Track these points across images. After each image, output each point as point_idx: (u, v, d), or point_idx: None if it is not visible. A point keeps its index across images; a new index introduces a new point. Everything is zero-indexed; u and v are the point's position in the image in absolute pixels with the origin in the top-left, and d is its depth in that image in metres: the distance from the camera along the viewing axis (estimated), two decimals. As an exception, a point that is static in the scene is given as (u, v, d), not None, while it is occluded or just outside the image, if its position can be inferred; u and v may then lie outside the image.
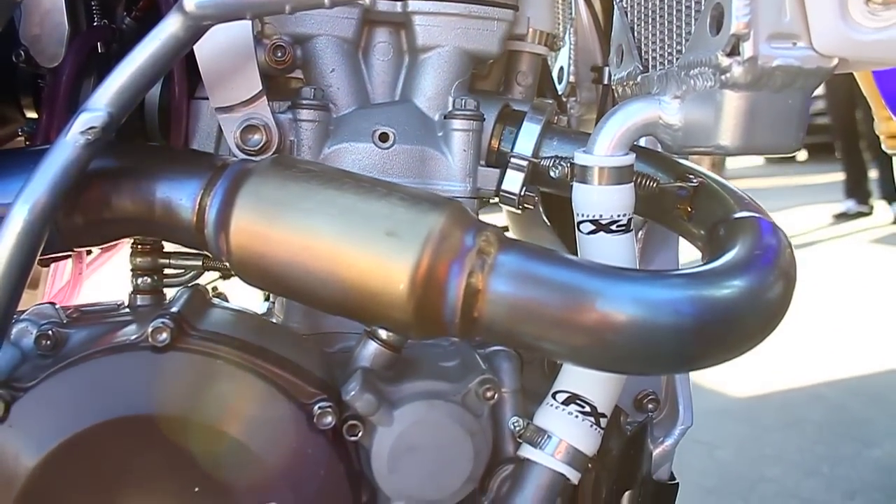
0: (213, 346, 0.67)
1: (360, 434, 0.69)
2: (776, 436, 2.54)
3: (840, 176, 6.08)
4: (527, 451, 0.72)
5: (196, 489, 0.65)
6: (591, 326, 0.60)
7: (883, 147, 1.20)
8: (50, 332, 0.71)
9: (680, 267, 0.87)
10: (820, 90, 6.12)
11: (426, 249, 0.60)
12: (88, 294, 0.95)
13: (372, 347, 0.72)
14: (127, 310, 0.79)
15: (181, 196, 0.68)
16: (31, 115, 0.91)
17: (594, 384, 0.72)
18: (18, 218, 0.64)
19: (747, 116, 0.66)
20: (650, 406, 0.86)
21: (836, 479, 2.27)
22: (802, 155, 8.81)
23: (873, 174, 5.72)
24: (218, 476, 0.65)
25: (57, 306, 0.76)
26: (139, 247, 0.80)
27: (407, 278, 0.60)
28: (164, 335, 0.65)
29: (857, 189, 5.74)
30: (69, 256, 0.90)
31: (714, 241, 0.69)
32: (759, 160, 8.48)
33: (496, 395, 0.72)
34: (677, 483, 0.86)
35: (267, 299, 0.97)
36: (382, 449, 0.69)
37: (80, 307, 0.79)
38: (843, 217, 5.76)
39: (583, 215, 0.71)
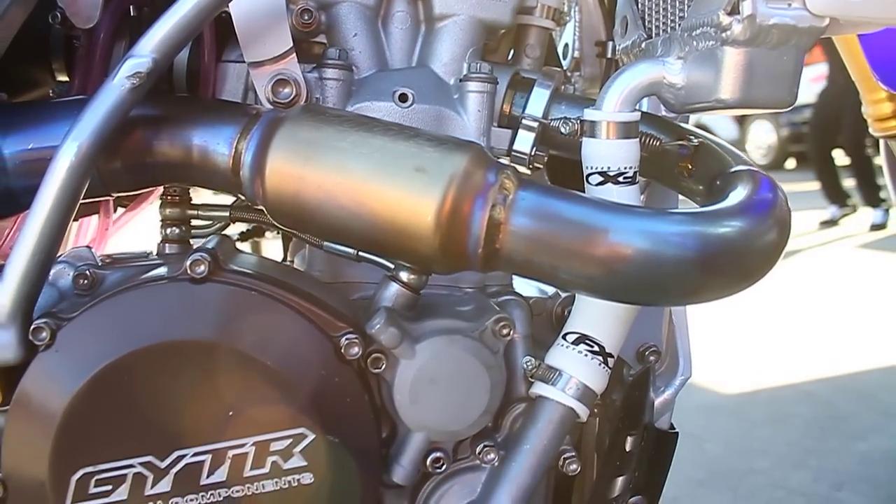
0: (246, 280, 0.71)
1: (383, 367, 0.73)
2: (764, 430, 2.59)
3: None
4: (539, 389, 0.77)
5: (230, 413, 0.69)
6: (603, 257, 0.65)
7: (871, 130, 1.25)
8: (87, 272, 0.75)
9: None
10: (811, 98, 6.27)
11: (453, 184, 0.65)
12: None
13: (393, 289, 0.76)
14: (157, 258, 0.83)
15: (218, 141, 0.73)
16: (62, 78, 0.95)
17: (603, 325, 0.77)
18: (66, 157, 0.69)
19: (746, 71, 0.71)
20: (651, 358, 0.91)
21: (824, 472, 2.32)
22: (791, 163, 8.95)
23: (850, 181, 5.87)
24: (251, 402, 0.69)
25: (92, 249, 0.80)
26: (168, 197, 0.84)
27: (434, 210, 0.65)
28: (202, 268, 0.70)
29: (834, 194, 5.88)
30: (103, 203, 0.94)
31: (713, 191, 0.74)
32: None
33: (511, 333, 0.76)
34: (677, 432, 0.91)
35: (283, 261, 1.01)
36: (404, 381, 0.74)
37: (110, 255, 0.84)
38: (829, 223, 5.89)
39: (591, 168, 0.75)
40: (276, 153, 0.69)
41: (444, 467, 0.77)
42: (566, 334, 0.77)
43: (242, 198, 0.75)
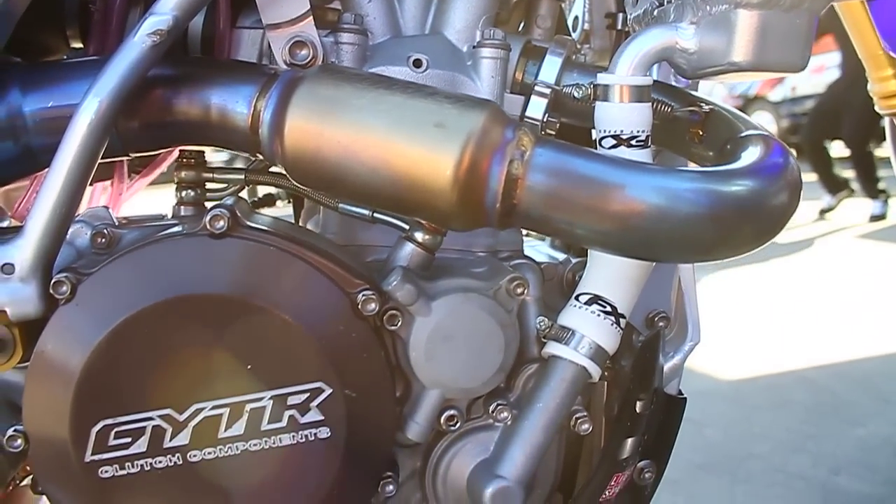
0: (264, 236, 0.72)
1: (398, 324, 0.74)
2: (764, 416, 2.61)
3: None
4: (552, 348, 0.78)
5: (248, 366, 0.70)
6: (618, 212, 0.66)
7: (876, 108, 1.26)
8: (105, 230, 0.76)
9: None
10: (816, 87, 6.26)
11: (472, 139, 0.66)
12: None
13: (408, 249, 0.77)
14: (173, 219, 0.83)
15: (237, 100, 0.73)
16: (76, 45, 0.95)
17: (615, 286, 0.78)
18: (87, 114, 0.69)
19: (759, 34, 0.72)
20: (661, 324, 0.92)
21: (822, 456, 2.33)
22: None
23: (849, 173, 5.89)
24: (269, 356, 0.70)
25: (110, 209, 0.80)
26: (184, 160, 0.85)
27: (453, 165, 0.66)
28: (222, 223, 0.70)
29: (829, 182, 5.91)
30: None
31: (724, 155, 0.75)
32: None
33: (525, 292, 0.77)
34: (685, 398, 0.92)
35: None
36: (420, 338, 0.75)
37: (126, 217, 0.84)
38: (829, 210, 5.92)
39: (604, 131, 0.76)
40: (296, 111, 0.70)
41: (457, 425, 0.78)
42: (579, 295, 0.78)
43: (260, 157, 0.75)
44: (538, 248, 0.97)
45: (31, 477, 0.84)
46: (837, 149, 6.18)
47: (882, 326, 3.35)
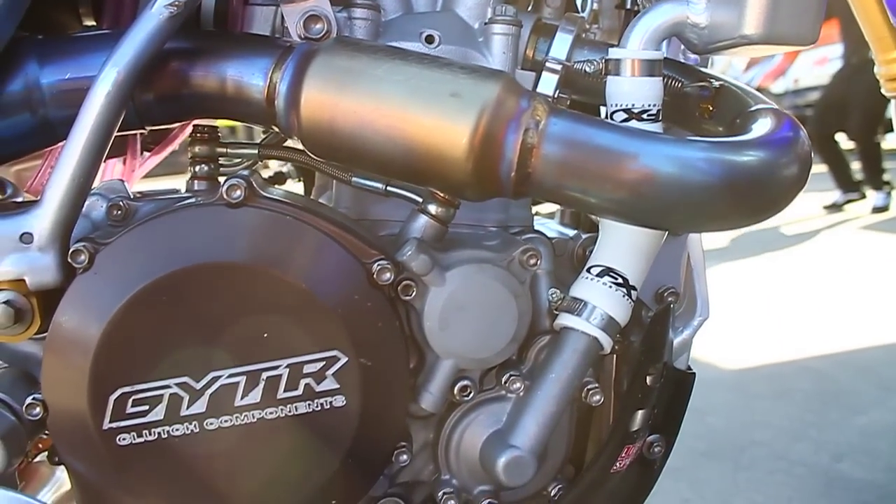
0: (280, 206, 0.73)
1: (413, 295, 0.75)
2: (765, 404, 2.62)
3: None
4: (564, 319, 0.78)
5: (265, 335, 0.71)
6: (632, 181, 0.67)
7: (883, 91, 1.26)
8: (120, 203, 0.77)
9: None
10: (819, 79, 6.23)
11: (487, 108, 0.67)
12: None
13: (422, 221, 0.77)
14: (187, 193, 0.84)
15: (252, 72, 0.74)
16: (89, 22, 0.96)
17: (626, 259, 0.78)
18: (105, 84, 0.70)
19: (770, 6, 0.73)
20: (670, 299, 0.92)
21: (824, 444, 2.34)
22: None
23: (855, 164, 5.88)
24: (285, 324, 0.71)
25: (125, 182, 0.81)
26: (198, 135, 0.85)
27: (469, 134, 0.67)
28: (239, 192, 0.71)
29: (843, 179, 5.88)
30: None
31: (734, 128, 0.76)
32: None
33: (538, 263, 0.78)
34: (694, 373, 0.92)
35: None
36: (434, 308, 0.75)
37: (140, 192, 0.85)
38: (834, 207, 5.90)
39: (615, 105, 0.77)
40: (312, 81, 0.70)
41: (471, 396, 0.79)
42: (590, 267, 0.79)
43: (276, 129, 0.76)
44: (548, 225, 0.97)
45: (46, 451, 0.85)
46: (843, 142, 6.17)
47: (884, 316, 3.36)
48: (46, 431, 0.83)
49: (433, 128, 0.68)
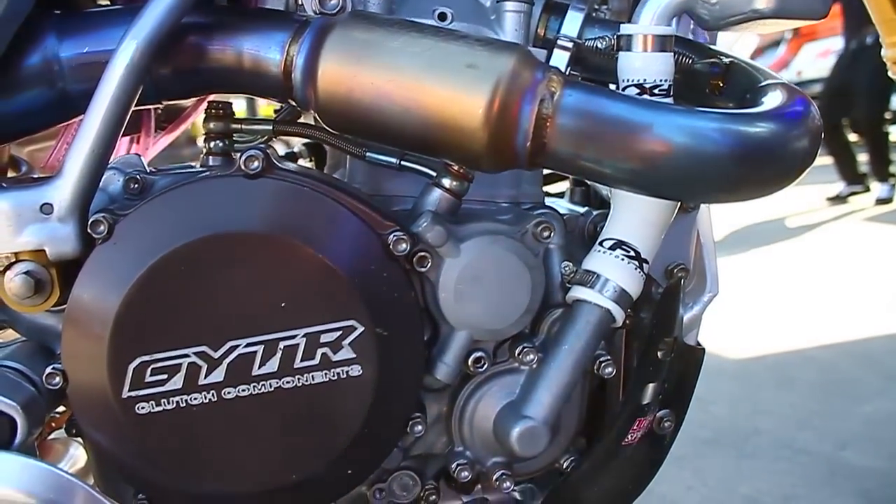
0: (298, 178, 0.73)
1: (428, 266, 0.76)
2: (769, 393, 2.63)
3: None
4: (577, 292, 0.79)
5: (282, 304, 0.71)
6: (646, 151, 0.68)
7: (890, 74, 1.27)
8: (137, 176, 0.77)
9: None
10: (821, 72, 6.18)
11: (503, 79, 0.68)
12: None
13: (436, 194, 0.78)
14: (201, 168, 0.85)
15: (270, 46, 0.75)
16: (103, 1, 0.96)
17: (638, 232, 0.79)
18: (124, 57, 0.71)
19: (782, -21, 0.73)
20: (680, 275, 0.93)
21: (828, 432, 2.35)
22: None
23: (862, 156, 5.85)
24: (302, 293, 0.72)
25: (141, 157, 0.82)
26: (213, 111, 0.86)
27: (485, 104, 0.68)
28: (256, 163, 0.72)
29: (848, 171, 5.85)
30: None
31: (745, 103, 0.77)
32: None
33: (551, 235, 0.79)
34: (704, 348, 0.93)
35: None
36: (449, 279, 0.76)
37: (155, 167, 0.86)
38: (837, 199, 5.86)
39: (627, 80, 0.78)
40: (329, 54, 0.71)
41: (484, 367, 0.80)
42: (602, 241, 0.80)
43: (292, 104, 0.76)
44: (558, 203, 0.98)
45: (63, 426, 0.86)
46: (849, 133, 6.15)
47: (887, 306, 3.37)
48: (63, 406, 0.84)
49: (449, 98, 0.69)
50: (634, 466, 0.89)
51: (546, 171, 0.93)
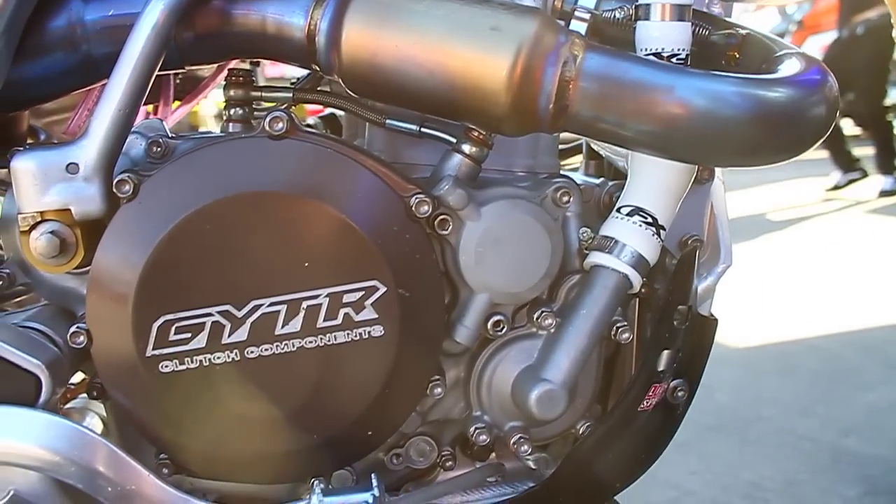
0: (321, 140, 0.74)
1: (449, 229, 0.76)
2: (772, 381, 2.64)
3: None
4: (595, 258, 0.80)
5: (306, 264, 0.72)
6: (666, 113, 0.69)
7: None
8: (160, 140, 0.78)
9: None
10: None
11: (527, 42, 0.69)
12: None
13: (456, 160, 0.79)
14: (221, 134, 0.85)
15: (293, 10, 0.75)
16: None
17: (656, 198, 0.80)
18: (149, 19, 0.72)
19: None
20: (695, 245, 0.94)
21: (831, 420, 2.36)
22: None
23: (866, 149, 5.83)
24: (326, 253, 0.73)
25: (163, 121, 0.82)
26: (233, 78, 0.87)
27: (509, 66, 0.68)
28: (281, 125, 0.72)
29: (841, 158, 5.82)
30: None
31: (763, 72, 0.77)
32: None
33: (570, 200, 0.80)
34: (717, 319, 0.94)
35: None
36: (470, 242, 0.77)
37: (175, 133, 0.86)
38: (836, 189, 5.84)
39: (645, 50, 0.78)
40: (354, 17, 0.72)
41: (503, 331, 0.80)
42: (620, 207, 0.80)
43: (316, 68, 0.77)
44: (573, 175, 0.99)
45: (84, 390, 0.87)
46: (848, 128, 6.14)
47: (891, 297, 3.38)
48: (81, 374, 0.85)
49: (473, 61, 0.69)
50: (648, 435, 0.90)
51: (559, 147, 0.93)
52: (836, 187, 5.83)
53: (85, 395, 1.10)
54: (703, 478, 2.11)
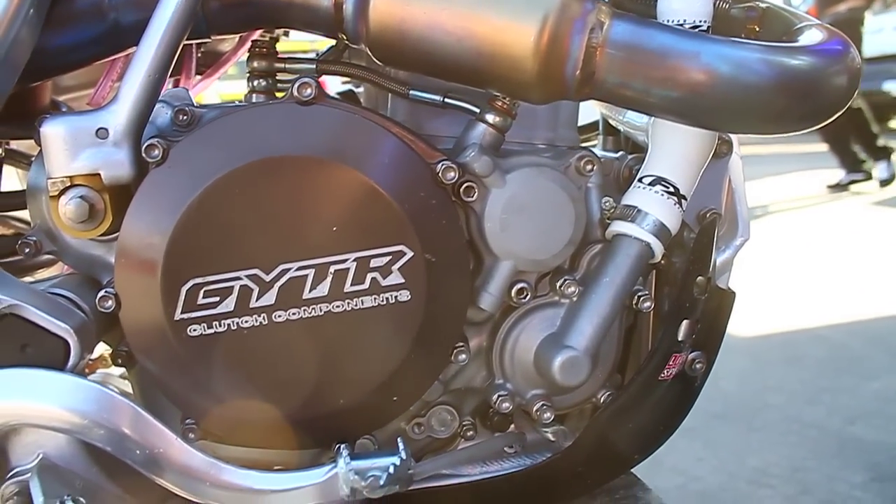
0: (349, 107, 0.75)
1: (474, 196, 0.77)
2: (778, 369, 2.64)
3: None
4: (617, 226, 0.81)
5: (334, 228, 0.73)
6: (691, 79, 0.69)
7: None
8: (186, 108, 0.79)
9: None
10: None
11: (554, 8, 0.69)
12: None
13: (480, 129, 0.80)
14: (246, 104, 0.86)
15: (320, -22, 0.76)
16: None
17: (677, 168, 0.81)
18: (177, -13, 0.72)
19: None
20: (714, 217, 0.94)
21: (837, 408, 2.37)
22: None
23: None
24: (354, 218, 0.73)
25: (188, 90, 0.83)
26: (257, 50, 0.87)
27: (537, 32, 0.69)
28: (309, 90, 0.73)
29: (845, 157, 5.82)
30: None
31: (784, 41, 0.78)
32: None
33: (594, 168, 0.80)
34: (735, 292, 0.94)
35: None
36: (495, 209, 0.78)
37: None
38: (838, 187, 5.83)
39: (667, 21, 0.79)
40: (382, -16, 0.72)
41: (527, 298, 0.81)
42: (642, 177, 0.81)
43: (343, 37, 0.78)
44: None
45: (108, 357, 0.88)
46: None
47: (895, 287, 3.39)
48: (106, 342, 0.85)
49: (501, 27, 0.70)
50: (666, 406, 0.91)
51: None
52: (838, 185, 5.83)
53: (103, 370, 1.12)
54: (709, 464, 2.12)
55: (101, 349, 1.07)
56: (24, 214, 1.05)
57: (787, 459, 2.11)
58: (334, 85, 1.44)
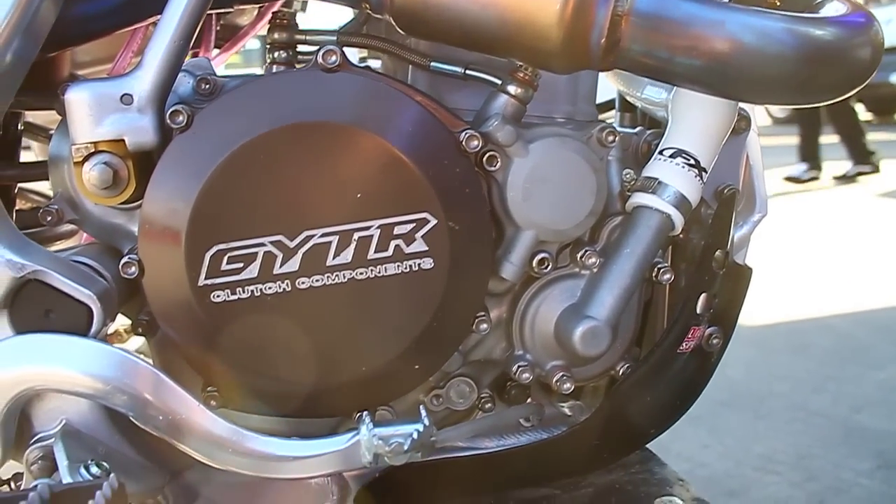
0: (373, 75, 0.75)
1: (497, 166, 0.77)
2: (785, 358, 2.65)
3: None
4: (638, 198, 0.81)
5: (358, 195, 0.73)
6: (716, 48, 0.69)
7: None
8: (208, 77, 0.79)
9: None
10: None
11: None
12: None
13: (502, 100, 0.80)
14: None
15: (344, -53, 0.76)
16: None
17: (698, 141, 0.81)
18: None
19: None
20: (732, 192, 0.94)
21: (843, 396, 2.37)
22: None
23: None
24: (378, 185, 0.73)
25: (210, 60, 0.83)
26: (277, 21, 0.87)
27: (561, 0, 0.69)
28: (334, 58, 0.73)
29: (855, 148, 5.78)
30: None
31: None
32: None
33: (615, 140, 0.80)
34: (751, 268, 0.95)
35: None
36: (517, 179, 0.78)
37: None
38: (845, 178, 5.81)
39: None
40: (406, -48, 0.72)
41: (548, 268, 0.81)
42: (663, 150, 0.81)
43: (366, 7, 0.77)
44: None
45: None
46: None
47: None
48: (125, 313, 0.85)
49: None
50: (683, 381, 0.91)
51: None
52: (845, 176, 5.82)
53: (118, 345, 1.12)
54: (715, 451, 2.12)
55: (117, 324, 1.07)
56: (41, 188, 1.05)
57: (793, 447, 2.12)
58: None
